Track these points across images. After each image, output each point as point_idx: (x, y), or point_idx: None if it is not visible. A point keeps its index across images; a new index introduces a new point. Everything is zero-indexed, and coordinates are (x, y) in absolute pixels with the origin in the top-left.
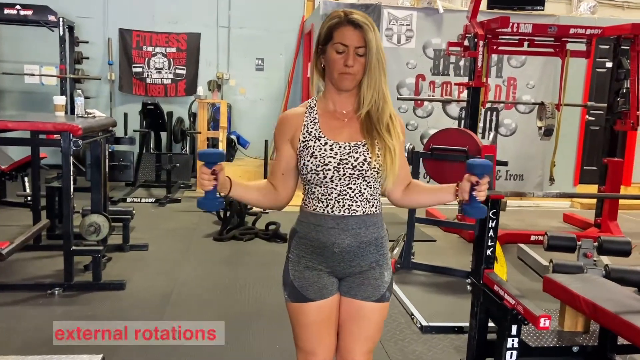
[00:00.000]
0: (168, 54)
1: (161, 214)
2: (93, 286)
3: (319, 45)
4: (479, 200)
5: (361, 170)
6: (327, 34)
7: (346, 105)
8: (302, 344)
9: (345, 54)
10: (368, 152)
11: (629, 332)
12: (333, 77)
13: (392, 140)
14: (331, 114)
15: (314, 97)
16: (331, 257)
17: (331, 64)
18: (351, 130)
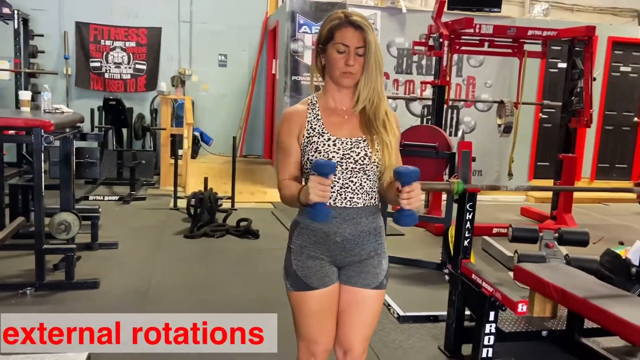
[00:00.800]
0: (127, 49)
1: (126, 212)
2: (66, 285)
3: (320, 45)
4: (405, 208)
5: (362, 164)
6: (329, 34)
7: (345, 102)
8: (305, 332)
9: (346, 53)
10: (368, 147)
11: (597, 315)
12: (334, 76)
13: (388, 135)
14: (332, 110)
15: (313, 94)
16: (333, 246)
17: (332, 63)
18: (351, 126)
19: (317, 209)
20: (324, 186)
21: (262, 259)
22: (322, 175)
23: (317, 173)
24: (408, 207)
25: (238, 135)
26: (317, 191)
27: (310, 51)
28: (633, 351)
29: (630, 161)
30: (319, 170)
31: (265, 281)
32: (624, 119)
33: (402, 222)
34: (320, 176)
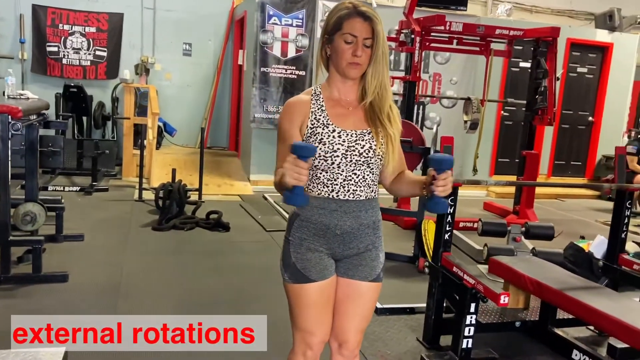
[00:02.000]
0: (87, 34)
1: (89, 203)
2: (33, 278)
3: (326, 35)
4: (438, 195)
5: (367, 157)
6: (336, 24)
7: (350, 93)
8: (302, 324)
9: (354, 44)
10: (373, 139)
11: (572, 306)
12: (340, 66)
13: (392, 128)
14: (336, 101)
15: (317, 84)
16: (332, 238)
17: (340, 53)
18: (356, 118)
19: (294, 193)
20: (300, 168)
21: (235, 252)
22: (300, 157)
23: (295, 155)
24: (443, 195)
25: (203, 126)
26: (292, 173)
27: (279, 43)
28: (599, 340)
29: (585, 159)
30: (297, 153)
31: (239, 274)
32: (580, 118)
33: (435, 209)
34: (297, 158)
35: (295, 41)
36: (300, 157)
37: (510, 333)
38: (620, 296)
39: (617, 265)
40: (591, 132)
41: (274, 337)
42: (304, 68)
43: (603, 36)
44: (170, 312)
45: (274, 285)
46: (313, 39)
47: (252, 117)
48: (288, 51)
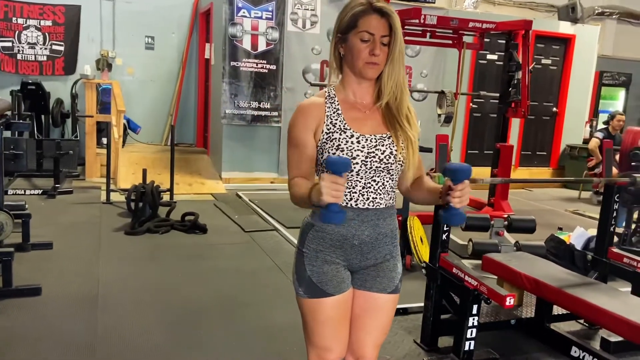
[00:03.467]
0: (43, 28)
1: (54, 207)
2: (4, 293)
3: (339, 34)
4: (454, 206)
5: (387, 163)
6: (351, 22)
7: (366, 95)
8: (318, 340)
9: (371, 42)
10: (393, 144)
11: (571, 303)
12: (356, 67)
13: (412, 130)
14: (352, 104)
15: (330, 86)
16: (350, 249)
17: (355, 53)
18: (374, 122)
19: (330, 211)
20: (338, 185)
21: (215, 255)
22: (336, 173)
23: (330, 171)
24: (459, 206)
25: (168, 122)
26: (330, 191)
27: (249, 36)
28: (591, 334)
29: (549, 149)
30: (332, 168)
31: (223, 279)
32: (544, 109)
33: (452, 221)
34: (333, 174)
35: (265, 34)
36: (335, 172)
37: (506, 331)
38: (618, 292)
39: (606, 259)
40: (555, 122)
41: (269, 346)
42: (275, 62)
43: (566, 28)
44: (157, 327)
45: (260, 290)
46: (283, 31)
47: (223, 113)
48: (258, 44)
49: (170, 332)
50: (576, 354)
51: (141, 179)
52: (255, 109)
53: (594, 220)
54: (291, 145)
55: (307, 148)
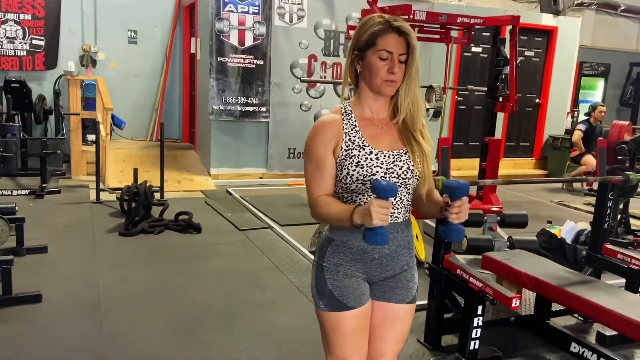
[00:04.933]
0: (22, 22)
1: (43, 208)
2: (4, 301)
3: (356, 51)
4: (452, 222)
5: (405, 178)
6: (370, 40)
7: (382, 111)
8: (339, 352)
9: (390, 60)
10: (410, 160)
11: (571, 301)
12: (374, 84)
13: (426, 144)
14: (369, 120)
15: (346, 102)
16: (370, 262)
17: (374, 71)
18: (390, 138)
19: (377, 233)
20: (386, 209)
21: (212, 256)
22: (384, 198)
23: (378, 196)
24: (457, 222)
25: (153, 118)
26: (379, 215)
27: (236, 31)
28: (586, 327)
29: (532, 139)
30: (381, 194)
31: (222, 281)
32: (527, 100)
33: (451, 237)
34: (380, 199)
35: (252, 29)
36: (384, 198)
37: (505, 328)
38: (615, 289)
39: (600, 255)
40: (538, 113)
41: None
42: (262, 57)
43: (548, 20)
44: (163, 331)
45: (262, 291)
46: (270, 26)
47: (211, 109)
48: (245, 40)
49: (177, 336)
50: (575, 350)
51: (129, 176)
52: (243, 105)
53: (580, 212)
54: (311, 163)
55: (328, 166)
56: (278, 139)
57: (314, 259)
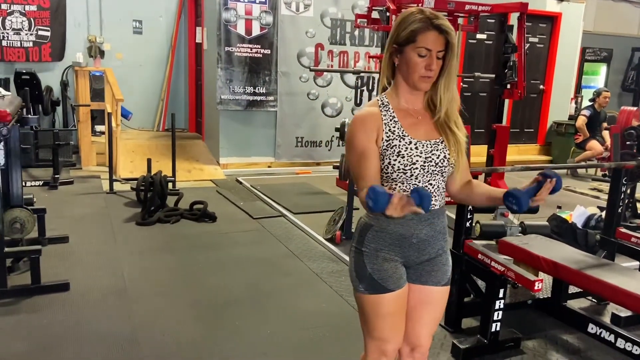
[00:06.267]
0: (28, 13)
1: (59, 198)
2: (33, 290)
3: (395, 44)
4: (532, 205)
5: (442, 166)
6: (410, 36)
7: (417, 102)
8: (378, 333)
9: (428, 57)
10: (446, 148)
11: (590, 283)
12: (412, 78)
13: (461, 134)
14: (405, 111)
15: (382, 94)
16: (408, 247)
17: (412, 66)
18: (427, 127)
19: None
20: (407, 210)
21: (229, 244)
22: (420, 206)
23: (416, 202)
24: (535, 204)
25: (160, 108)
26: (398, 212)
27: (243, 20)
28: (600, 309)
29: (537, 126)
30: (417, 201)
31: (243, 268)
32: (531, 86)
33: (522, 209)
34: (414, 205)
35: (259, 19)
36: (417, 204)
37: (522, 311)
38: (632, 272)
39: (614, 239)
40: (542, 99)
41: (301, 333)
42: (269, 46)
43: (552, 6)
44: (191, 318)
45: (282, 278)
46: (277, 15)
47: (219, 98)
48: (252, 29)
49: (205, 322)
50: (593, 330)
51: (140, 167)
52: (251, 94)
53: (586, 197)
54: (356, 156)
55: (373, 157)
56: (286, 128)
57: (352, 245)
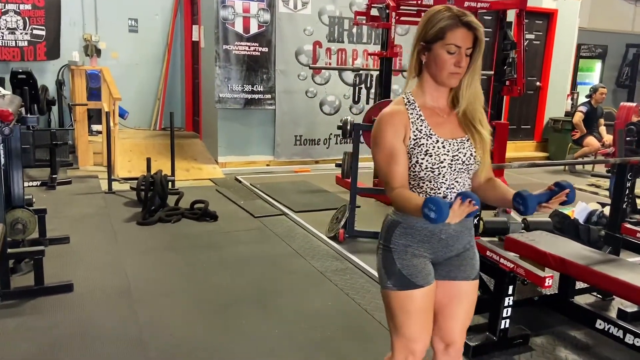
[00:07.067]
0: (22, 12)
1: (57, 198)
2: (37, 291)
3: (422, 42)
4: (540, 210)
5: (468, 164)
6: (439, 33)
7: (441, 100)
8: (407, 331)
9: (457, 54)
10: (472, 146)
11: (599, 280)
12: (440, 76)
13: (485, 131)
14: (431, 110)
15: (407, 92)
16: (437, 243)
17: (440, 63)
18: (452, 125)
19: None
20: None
21: (232, 243)
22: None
23: (463, 201)
24: (542, 211)
25: (156, 107)
26: (459, 218)
27: (241, 18)
28: (605, 305)
29: (533, 122)
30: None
31: (247, 267)
32: (528, 83)
33: (528, 211)
34: (470, 207)
35: (257, 16)
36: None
37: (529, 307)
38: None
39: (619, 234)
40: (539, 96)
41: (310, 332)
42: (267, 44)
43: (549, 3)
44: (198, 318)
45: (288, 277)
46: (275, 13)
47: (217, 97)
48: (250, 27)
49: (211, 322)
50: (601, 326)
51: (138, 166)
52: (249, 92)
53: (584, 193)
54: (384, 155)
55: (402, 156)
56: (284, 127)
57: (380, 242)
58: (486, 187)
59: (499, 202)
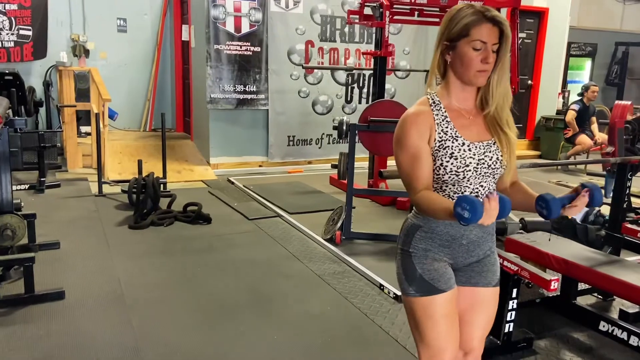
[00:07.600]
0: (8, 12)
1: (46, 202)
2: (27, 299)
3: (446, 41)
4: (565, 213)
5: (494, 168)
6: (463, 30)
7: (468, 101)
8: (433, 340)
9: (484, 50)
10: (498, 150)
11: (602, 281)
12: (467, 74)
13: (512, 134)
14: (457, 111)
15: (432, 92)
16: (458, 248)
17: (467, 61)
18: (479, 128)
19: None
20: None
21: (226, 246)
22: (501, 210)
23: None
24: (568, 213)
25: (146, 108)
26: (492, 219)
27: (232, 17)
28: (606, 306)
29: (525, 121)
30: (502, 208)
31: (243, 271)
32: (520, 82)
33: (551, 215)
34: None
35: (248, 15)
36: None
37: (531, 310)
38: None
39: (620, 234)
40: (530, 94)
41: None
42: (259, 44)
43: (540, 1)
44: (193, 324)
45: (284, 280)
46: (266, 12)
47: (209, 97)
48: (242, 26)
49: (207, 327)
50: (604, 328)
51: (128, 168)
52: (241, 93)
53: None
54: (408, 157)
55: (427, 158)
56: (278, 127)
57: (399, 246)
58: (510, 191)
59: (522, 206)
